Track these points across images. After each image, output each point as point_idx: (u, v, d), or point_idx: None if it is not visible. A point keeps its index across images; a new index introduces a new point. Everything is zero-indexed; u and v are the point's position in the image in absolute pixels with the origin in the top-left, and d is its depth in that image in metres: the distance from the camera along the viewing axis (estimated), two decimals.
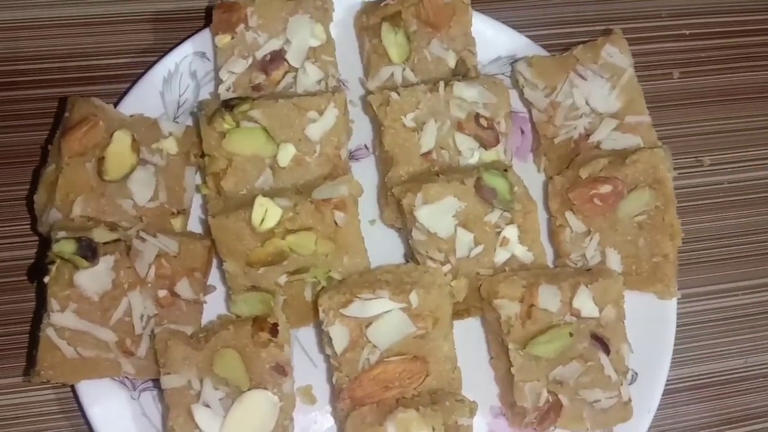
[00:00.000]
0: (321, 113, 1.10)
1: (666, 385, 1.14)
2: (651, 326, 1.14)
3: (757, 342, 1.26)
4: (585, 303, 1.05)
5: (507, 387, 1.09)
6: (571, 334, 1.04)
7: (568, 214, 1.13)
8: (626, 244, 1.12)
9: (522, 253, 1.10)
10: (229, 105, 1.09)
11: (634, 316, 1.11)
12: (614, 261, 1.12)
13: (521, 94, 1.22)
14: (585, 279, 1.07)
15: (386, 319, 1.03)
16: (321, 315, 1.04)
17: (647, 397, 1.12)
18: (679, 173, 1.20)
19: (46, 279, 1.01)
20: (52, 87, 1.23)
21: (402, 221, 1.14)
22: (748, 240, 1.31)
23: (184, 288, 1.05)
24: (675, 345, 1.14)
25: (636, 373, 1.13)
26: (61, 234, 1.01)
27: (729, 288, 1.28)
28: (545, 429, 1.08)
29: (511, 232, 1.09)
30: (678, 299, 1.15)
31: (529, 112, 1.22)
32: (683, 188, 1.29)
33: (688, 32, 1.39)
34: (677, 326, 1.15)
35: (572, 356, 1.05)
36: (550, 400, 1.05)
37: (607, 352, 1.06)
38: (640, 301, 1.13)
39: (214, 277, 1.12)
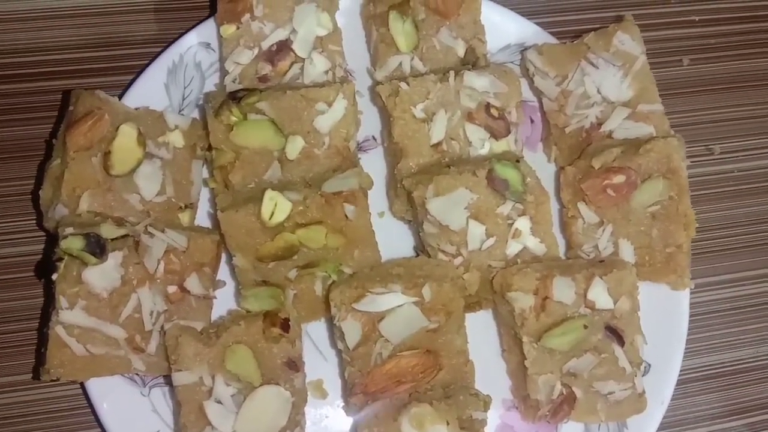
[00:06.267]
0: (330, 105, 1.09)
1: (677, 375, 1.13)
2: (664, 317, 1.13)
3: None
4: (600, 295, 1.04)
5: (520, 380, 1.08)
6: (585, 326, 1.04)
7: (581, 205, 1.12)
8: (639, 235, 1.11)
9: (534, 244, 1.09)
10: (236, 97, 1.07)
11: (646, 306, 1.10)
12: (627, 252, 1.11)
13: (531, 83, 1.20)
14: (599, 270, 1.06)
15: (399, 313, 1.02)
16: (333, 310, 1.03)
17: (660, 388, 1.12)
18: (689, 162, 1.18)
19: (55, 276, 0.99)
20: (55, 79, 1.20)
21: (412, 213, 1.12)
22: (759, 229, 1.30)
23: (193, 283, 1.04)
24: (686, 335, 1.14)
25: (649, 365, 1.12)
26: (69, 230, 1.00)
27: (739, 277, 1.27)
28: (559, 422, 1.08)
29: (523, 224, 1.08)
30: (690, 289, 1.14)
31: (539, 101, 1.21)
32: (693, 177, 1.27)
33: (697, 18, 1.37)
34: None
35: (586, 348, 1.05)
36: (564, 392, 1.05)
37: (622, 343, 1.06)
38: (652, 292, 1.12)
39: (223, 272, 1.11)
